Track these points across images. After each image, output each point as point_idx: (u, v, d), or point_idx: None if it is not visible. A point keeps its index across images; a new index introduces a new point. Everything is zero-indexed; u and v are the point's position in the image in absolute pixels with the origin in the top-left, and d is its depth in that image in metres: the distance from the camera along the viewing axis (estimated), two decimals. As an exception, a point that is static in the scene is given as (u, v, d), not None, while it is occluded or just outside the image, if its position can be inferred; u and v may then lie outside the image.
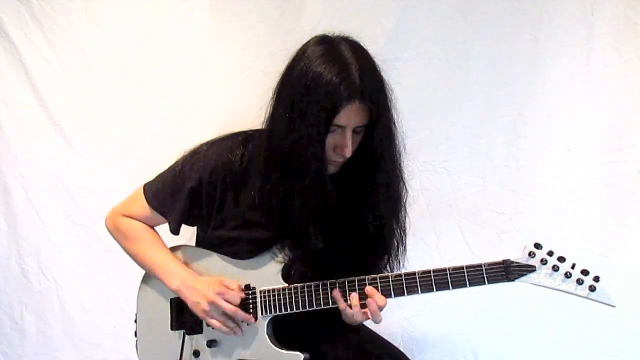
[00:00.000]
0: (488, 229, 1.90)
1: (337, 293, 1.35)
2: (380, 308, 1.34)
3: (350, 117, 1.25)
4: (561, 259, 1.24)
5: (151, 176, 1.54)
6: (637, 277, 1.75)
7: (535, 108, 1.84)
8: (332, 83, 1.22)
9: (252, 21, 2.00)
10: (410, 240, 1.91)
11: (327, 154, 1.30)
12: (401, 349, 1.69)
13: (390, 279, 1.33)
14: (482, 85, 1.88)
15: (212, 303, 1.38)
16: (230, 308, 1.38)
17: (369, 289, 1.33)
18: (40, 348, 2.25)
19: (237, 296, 1.39)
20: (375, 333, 1.61)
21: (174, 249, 1.55)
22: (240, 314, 1.39)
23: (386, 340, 1.58)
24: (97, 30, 2.14)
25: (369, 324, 1.70)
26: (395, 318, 1.97)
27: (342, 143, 1.28)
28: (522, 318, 1.85)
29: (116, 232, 1.55)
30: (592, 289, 1.21)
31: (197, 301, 1.40)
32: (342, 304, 1.34)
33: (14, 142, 2.21)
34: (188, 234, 1.63)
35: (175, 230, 1.50)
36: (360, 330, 1.60)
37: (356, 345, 1.51)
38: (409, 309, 1.96)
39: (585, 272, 1.22)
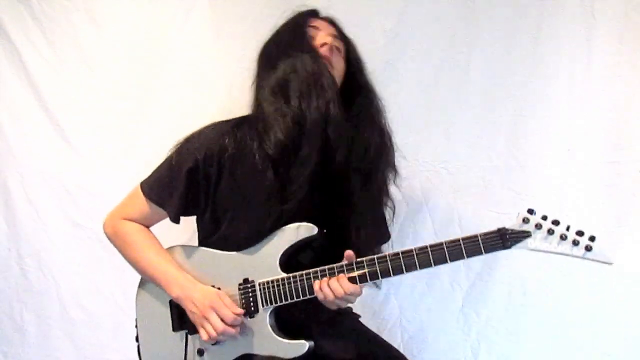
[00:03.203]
0: (488, 229, 1.90)
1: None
2: (347, 293, 1.33)
3: (318, 23, 1.52)
4: (555, 222, 1.23)
5: (151, 176, 1.55)
6: (637, 277, 1.75)
7: (535, 108, 1.84)
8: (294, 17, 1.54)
9: (252, 21, 2.00)
10: (410, 240, 1.93)
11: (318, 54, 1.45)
12: (401, 349, 1.69)
13: (388, 258, 1.32)
14: (482, 85, 1.88)
15: (205, 317, 1.39)
16: (219, 327, 1.38)
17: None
18: (40, 348, 2.24)
19: (231, 314, 1.39)
20: (375, 333, 1.62)
21: (172, 249, 1.55)
22: (229, 332, 1.39)
23: (385, 341, 1.58)
24: (97, 30, 2.14)
25: (371, 325, 1.71)
26: (395, 318, 1.97)
27: (319, 34, 1.50)
28: (522, 318, 1.85)
29: (115, 238, 1.54)
30: (588, 248, 1.20)
31: (194, 312, 1.42)
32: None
33: (14, 142, 2.21)
34: (189, 233, 1.63)
35: (175, 219, 1.50)
36: (360, 330, 1.60)
37: (356, 345, 1.51)
38: (409, 309, 1.96)
39: (580, 233, 1.21)
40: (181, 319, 1.49)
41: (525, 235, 1.25)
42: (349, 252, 1.34)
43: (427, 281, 1.94)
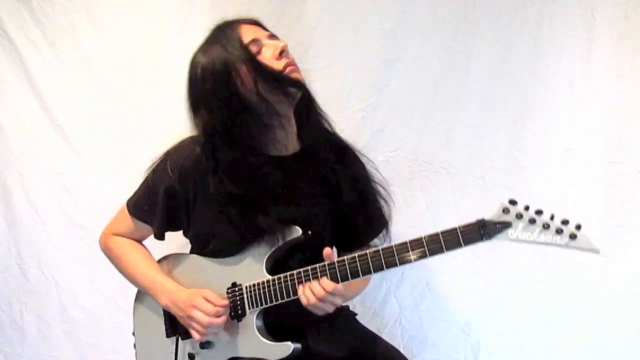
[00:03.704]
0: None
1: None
2: (329, 293, 1.32)
3: (251, 29, 1.44)
4: (539, 212, 1.19)
5: (151, 176, 1.55)
6: (637, 277, 1.75)
7: (535, 108, 1.84)
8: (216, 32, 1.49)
9: (252, 21, 2.00)
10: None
11: (277, 68, 1.38)
12: (401, 349, 1.69)
13: (368, 255, 1.31)
14: (482, 85, 1.88)
15: (190, 317, 1.41)
16: (205, 321, 1.39)
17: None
18: (40, 348, 2.24)
19: (211, 307, 1.40)
20: (373, 332, 1.62)
21: (165, 258, 1.58)
22: (215, 323, 1.40)
23: (383, 339, 1.58)
24: (97, 30, 2.14)
25: (371, 325, 1.71)
26: (395, 318, 1.97)
27: (269, 45, 1.40)
28: (523, 318, 1.85)
29: (108, 252, 1.60)
30: (572, 237, 1.15)
31: (180, 315, 1.44)
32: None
33: (14, 142, 2.21)
34: (182, 240, 1.63)
35: (159, 235, 1.54)
36: (355, 328, 1.60)
37: (350, 344, 1.51)
38: (409, 309, 1.96)
39: (565, 222, 1.17)
40: (173, 325, 1.52)
41: (506, 225, 1.22)
42: (327, 251, 1.33)
43: (427, 281, 1.94)
